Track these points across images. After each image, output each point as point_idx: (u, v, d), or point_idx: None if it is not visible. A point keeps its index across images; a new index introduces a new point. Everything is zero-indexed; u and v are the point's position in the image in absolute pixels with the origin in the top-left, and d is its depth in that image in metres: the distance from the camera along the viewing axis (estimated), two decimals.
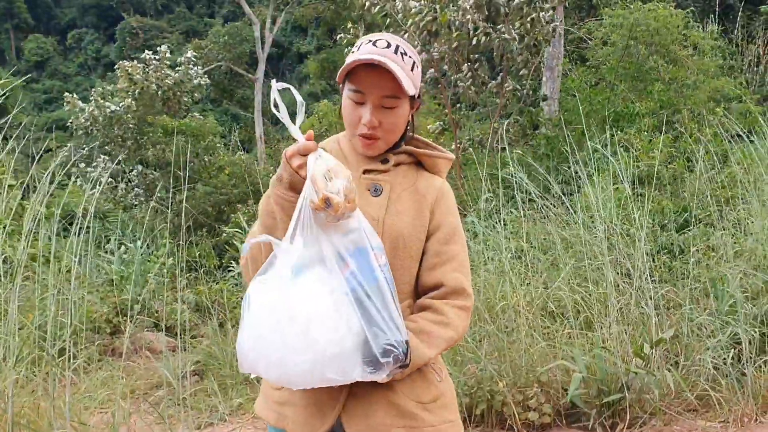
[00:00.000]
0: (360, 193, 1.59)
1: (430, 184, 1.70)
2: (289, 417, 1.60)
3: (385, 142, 1.66)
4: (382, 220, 1.62)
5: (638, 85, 9.10)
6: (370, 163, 1.69)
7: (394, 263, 1.59)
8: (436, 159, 1.73)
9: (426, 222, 1.64)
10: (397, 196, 1.66)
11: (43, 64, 50.07)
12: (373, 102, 1.60)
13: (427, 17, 8.18)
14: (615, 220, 4.44)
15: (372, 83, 1.59)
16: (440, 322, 1.57)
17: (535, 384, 3.68)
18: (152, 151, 12.78)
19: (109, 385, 4.82)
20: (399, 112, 1.64)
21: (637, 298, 4.10)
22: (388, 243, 1.59)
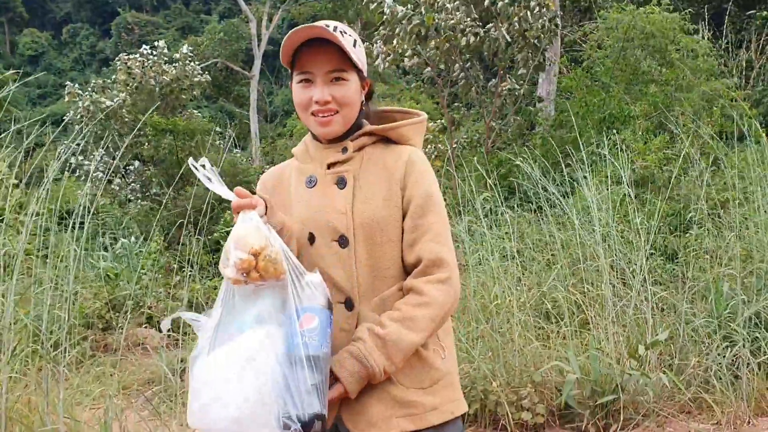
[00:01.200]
0: (327, 189, 1.63)
1: (398, 158, 1.65)
2: None
3: (342, 117, 1.63)
4: (350, 211, 1.59)
5: (633, 88, 9.11)
6: (331, 156, 1.66)
7: (374, 251, 1.59)
8: (401, 129, 1.69)
9: (399, 200, 1.61)
10: (363, 183, 1.63)
11: (37, 58, 49.82)
12: (322, 79, 1.59)
13: (414, 20, 8.21)
14: (611, 222, 4.44)
15: (317, 61, 1.58)
16: (421, 304, 1.54)
17: (528, 384, 3.68)
18: (146, 148, 12.77)
19: (102, 380, 4.80)
20: (349, 85, 1.62)
21: (634, 300, 4.11)
22: (361, 233, 1.58)
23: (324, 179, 1.65)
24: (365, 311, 1.58)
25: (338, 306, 1.58)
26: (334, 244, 1.59)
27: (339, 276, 1.58)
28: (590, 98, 8.95)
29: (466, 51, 8.71)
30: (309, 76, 1.60)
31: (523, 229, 5.53)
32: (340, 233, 1.59)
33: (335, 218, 1.59)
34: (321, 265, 1.58)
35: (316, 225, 1.61)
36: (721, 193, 5.45)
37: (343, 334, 1.56)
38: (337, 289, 1.58)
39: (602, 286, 4.08)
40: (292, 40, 1.57)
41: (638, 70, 9.02)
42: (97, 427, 3.58)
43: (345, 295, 1.58)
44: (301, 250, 1.62)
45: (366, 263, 1.59)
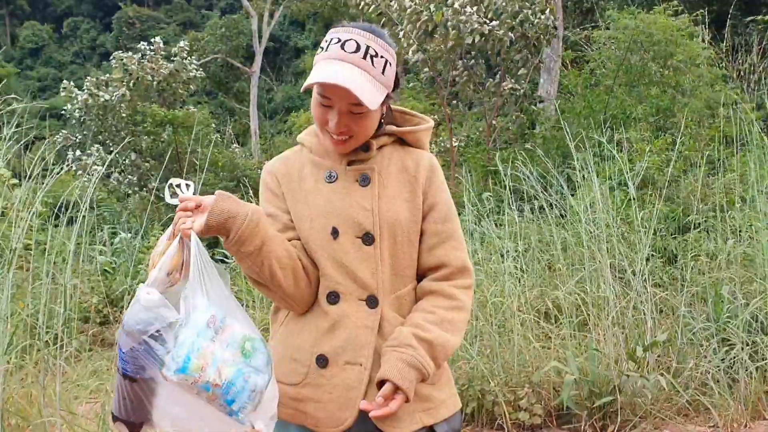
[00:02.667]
0: (349, 186, 1.63)
1: (418, 162, 1.67)
2: (309, 413, 1.59)
3: (356, 141, 1.62)
4: (377, 209, 1.60)
5: (634, 90, 9.11)
6: (353, 153, 1.65)
7: (395, 250, 1.61)
8: (419, 134, 1.71)
9: (420, 203, 1.64)
10: (387, 182, 1.64)
11: (37, 51, 49.79)
12: (341, 109, 1.55)
13: (423, 16, 8.19)
14: (612, 223, 4.43)
15: (337, 92, 1.53)
16: (455, 307, 1.59)
17: (526, 384, 3.68)
18: (146, 141, 12.74)
19: (99, 375, 4.80)
20: (368, 115, 1.59)
21: (634, 301, 4.11)
22: (387, 232, 1.60)
23: (345, 175, 1.64)
24: (386, 309, 1.60)
25: (359, 303, 1.59)
26: (358, 241, 1.59)
27: (363, 273, 1.58)
28: (593, 98, 8.94)
29: (471, 49, 8.71)
30: (328, 101, 1.56)
31: (523, 228, 5.53)
32: (366, 230, 1.59)
33: (361, 215, 1.60)
34: (344, 260, 1.59)
35: (340, 220, 1.60)
36: (721, 195, 5.45)
37: (367, 332, 1.57)
38: (359, 286, 1.59)
39: (602, 288, 4.08)
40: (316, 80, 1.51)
41: (643, 72, 9.01)
42: (94, 420, 3.58)
43: (368, 293, 1.59)
44: (324, 244, 1.60)
45: (388, 262, 1.61)
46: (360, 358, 1.56)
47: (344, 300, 1.59)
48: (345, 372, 1.56)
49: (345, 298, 1.59)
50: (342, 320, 1.58)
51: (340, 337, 1.58)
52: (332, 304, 1.60)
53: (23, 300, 3.63)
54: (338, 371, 1.57)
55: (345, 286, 1.59)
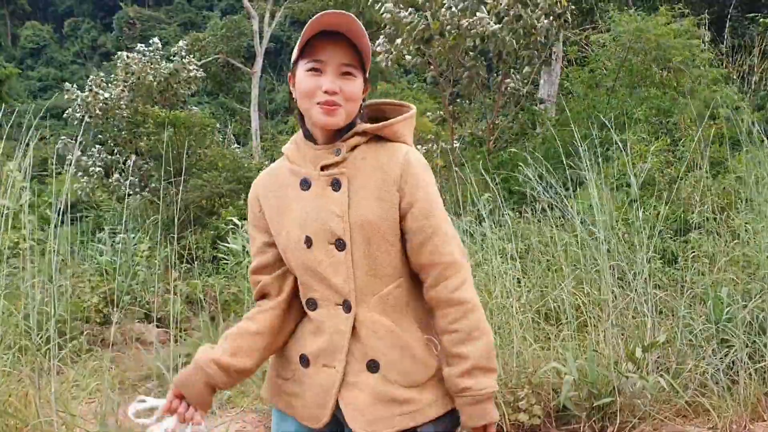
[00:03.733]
0: (322, 192, 1.62)
1: (393, 158, 1.63)
2: (297, 407, 1.69)
3: (345, 112, 1.61)
4: (347, 214, 1.59)
5: (634, 91, 9.10)
6: (324, 157, 1.64)
7: (371, 252, 1.60)
8: (395, 127, 1.66)
9: (395, 201, 1.60)
10: (358, 184, 1.62)
11: (38, 51, 49.79)
12: (333, 70, 1.58)
13: (420, 26, 8.18)
14: (614, 224, 4.42)
15: (332, 51, 1.58)
16: (469, 311, 1.58)
17: (526, 385, 3.67)
18: (145, 142, 12.74)
19: (98, 375, 4.79)
20: (357, 82, 1.62)
21: (634, 303, 4.10)
22: (359, 235, 1.59)
23: (318, 181, 1.63)
24: (363, 312, 1.61)
25: (336, 308, 1.62)
26: (331, 247, 1.60)
27: (337, 279, 1.60)
28: (593, 99, 8.94)
29: (471, 49, 8.68)
30: (320, 66, 1.58)
31: (524, 229, 5.53)
32: (337, 236, 1.59)
33: (333, 221, 1.59)
34: (318, 269, 1.61)
35: (313, 228, 1.61)
36: (722, 197, 5.45)
37: (341, 336, 1.62)
38: (335, 292, 1.61)
39: (602, 289, 4.07)
40: (320, 23, 1.56)
41: (644, 73, 9.00)
42: (93, 421, 3.57)
43: (343, 298, 1.61)
44: (298, 254, 1.64)
45: (363, 265, 1.60)
46: (334, 361, 1.62)
47: (322, 306, 1.65)
48: (322, 373, 1.64)
49: (322, 304, 1.64)
50: (321, 325, 1.65)
51: (320, 340, 1.65)
52: (312, 310, 1.67)
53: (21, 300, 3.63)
54: (316, 372, 1.65)
55: (321, 293, 1.64)
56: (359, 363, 1.60)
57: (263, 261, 1.74)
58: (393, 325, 1.61)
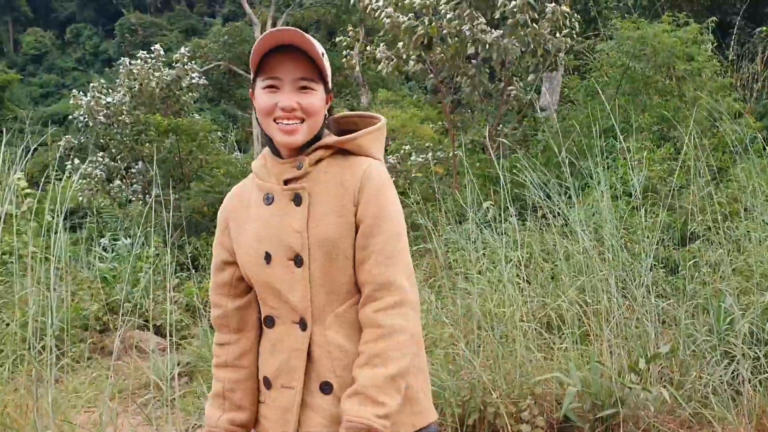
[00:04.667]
0: (284, 207, 1.59)
1: (354, 172, 1.59)
2: (266, 427, 1.68)
3: (308, 126, 1.59)
4: (305, 230, 1.56)
5: (636, 99, 9.08)
6: (287, 171, 1.61)
7: (329, 269, 1.56)
8: (359, 140, 1.63)
9: (351, 217, 1.57)
10: (319, 199, 1.59)
11: (40, 57, 49.91)
12: (290, 86, 1.56)
13: (419, 30, 8.15)
14: (615, 232, 4.39)
15: (286, 67, 1.56)
16: (381, 336, 1.50)
17: (529, 396, 3.64)
18: (148, 149, 12.76)
19: (97, 384, 4.77)
20: (316, 94, 1.59)
21: (636, 312, 4.07)
22: (316, 251, 1.56)
23: (281, 196, 1.61)
24: (318, 331, 1.58)
25: (293, 326, 1.60)
26: (290, 263, 1.57)
27: (294, 296, 1.57)
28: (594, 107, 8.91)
29: (473, 57, 8.65)
30: (276, 83, 1.57)
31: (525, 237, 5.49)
32: (296, 252, 1.56)
33: (292, 237, 1.57)
34: (276, 285, 1.59)
35: (273, 244, 1.59)
36: (724, 205, 5.42)
37: (298, 354, 1.59)
38: (291, 309, 1.59)
39: (604, 298, 4.04)
40: (267, 41, 1.54)
41: (646, 81, 8.97)
42: (92, 430, 3.54)
43: (299, 315, 1.58)
44: (257, 269, 1.61)
45: (321, 282, 1.57)
46: (292, 381, 1.59)
47: (279, 323, 1.62)
48: (282, 395, 1.61)
49: (280, 321, 1.62)
50: (278, 343, 1.63)
51: (277, 359, 1.62)
52: (269, 328, 1.65)
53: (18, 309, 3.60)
54: (277, 394, 1.63)
55: (278, 310, 1.61)
56: (314, 383, 1.57)
57: (220, 280, 1.72)
58: (347, 344, 1.56)
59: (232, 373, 1.70)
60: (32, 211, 4.29)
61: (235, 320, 1.71)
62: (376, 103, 18.09)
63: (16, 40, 52.20)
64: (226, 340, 1.72)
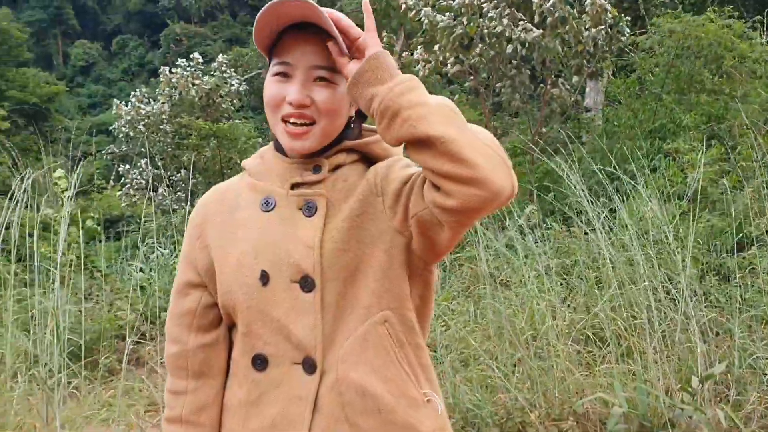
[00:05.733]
0: (289, 216, 1.27)
1: (376, 171, 1.29)
2: None
3: (321, 130, 1.26)
4: (319, 245, 1.23)
5: (684, 98, 8.75)
6: (298, 173, 1.29)
7: (346, 292, 1.24)
8: (384, 142, 1.26)
9: (381, 210, 1.26)
10: (338, 211, 1.26)
11: (88, 69, 51.15)
12: (303, 76, 1.24)
13: (457, 30, 7.97)
14: (663, 237, 4.12)
15: (300, 50, 1.23)
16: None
17: (570, 417, 3.41)
18: (188, 155, 12.84)
19: (129, 396, 4.72)
20: (337, 89, 1.25)
21: (682, 324, 3.80)
22: (331, 272, 1.22)
23: (285, 202, 1.28)
24: (331, 368, 1.23)
25: (293, 367, 1.24)
26: (294, 286, 1.23)
27: (298, 329, 1.22)
28: (640, 107, 8.61)
29: (512, 58, 8.45)
30: (287, 69, 1.25)
31: (569, 244, 5.27)
32: (304, 273, 1.22)
33: (299, 253, 1.23)
34: (274, 313, 1.24)
35: (271, 261, 1.24)
36: None
37: (300, 405, 1.23)
38: (293, 346, 1.23)
39: (650, 310, 3.78)
40: (268, 15, 1.20)
41: (691, 78, 8.63)
42: None
43: (304, 354, 1.23)
44: (248, 293, 1.25)
45: (336, 308, 1.24)
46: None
47: (274, 365, 1.25)
48: None
49: (275, 361, 1.25)
50: (270, 391, 1.25)
51: (266, 414, 1.25)
52: (260, 371, 1.26)
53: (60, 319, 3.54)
54: None
55: (275, 346, 1.24)
56: None
57: (181, 307, 1.36)
58: (369, 381, 1.21)
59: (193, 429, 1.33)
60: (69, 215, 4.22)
61: (197, 362, 1.34)
62: None
63: (65, 53, 53.60)
64: (182, 388, 1.35)
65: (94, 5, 58.28)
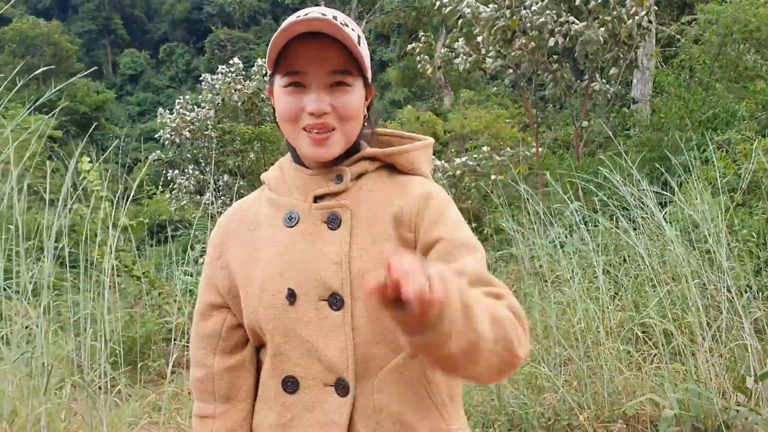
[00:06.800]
0: (314, 230, 1.22)
1: (408, 192, 1.25)
2: None
3: (343, 135, 1.22)
4: (346, 261, 1.18)
5: (735, 85, 8.46)
6: (320, 185, 1.25)
7: (377, 312, 1.09)
8: (411, 154, 1.29)
9: (410, 245, 1.21)
10: (363, 222, 1.22)
11: (136, 77, 52.38)
12: (319, 82, 1.19)
13: (499, 22, 7.85)
14: (721, 235, 3.96)
15: (313, 58, 1.19)
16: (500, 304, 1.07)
17: (620, 419, 3.31)
18: (233, 160, 12.98)
19: (178, 399, 4.76)
20: (353, 92, 1.22)
21: (735, 321, 3.66)
22: (361, 289, 1.17)
23: (309, 216, 1.23)
24: (364, 395, 1.19)
25: (325, 390, 1.19)
26: (322, 304, 1.18)
27: (329, 349, 1.18)
28: (690, 97, 8.35)
29: (555, 51, 8.32)
30: (301, 79, 1.20)
31: (617, 241, 5.13)
32: (332, 290, 1.18)
33: (327, 270, 1.19)
34: (303, 333, 1.19)
35: (299, 278, 1.19)
36: None
37: (331, 429, 1.19)
38: (324, 367, 1.19)
39: (701, 308, 3.65)
40: (287, 32, 1.17)
41: (741, 66, 8.35)
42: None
43: (336, 375, 1.19)
44: (275, 313, 1.20)
45: (367, 329, 1.19)
46: None
47: (305, 387, 1.21)
48: None
49: (306, 384, 1.20)
50: (302, 415, 1.21)
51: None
52: (290, 393, 1.22)
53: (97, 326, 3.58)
54: None
55: (305, 368, 1.20)
56: None
57: (205, 330, 1.32)
58: (405, 412, 1.18)
59: None
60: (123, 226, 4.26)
61: (224, 385, 1.30)
62: (458, 104, 17.80)
63: (114, 62, 54.96)
64: (209, 412, 1.31)
65: (141, 14, 59.60)
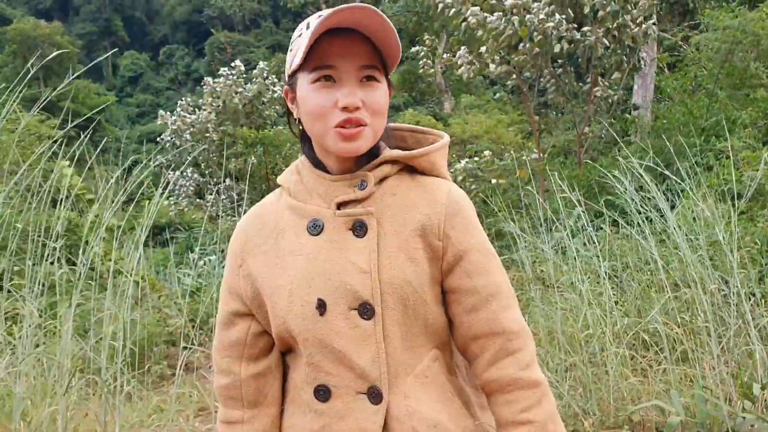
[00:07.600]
0: (339, 238, 1.22)
1: (433, 197, 1.25)
2: None
3: (372, 131, 1.20)
4: (375, 269, 1.18)
5: (738, 93, 8.49)
6: (343, 191, 1.23)
7: (406, 319, 1.20)
8: (432, 156, 1.28)
9: (435, 252, 1.22)
10: (389, 229, 1.22)
11: (136, 79, 52.46)
12: (351, 76, 1.18)
13: (507, 31, 7.84)
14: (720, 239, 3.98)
15: (346, 52, 1.18)
16: (543, 395, 1.21)
17: (625, 425, 3.32)
18: (234, 163, 12.98)
19: (182, 401, 4.77)
20: (382, 87, 1.22)
21: (741, 328, 3.66)
22: (390, 297, 1.18)
23: (334, 224, 1.22)
24: (397, 401, 1.20)
25: (358, 397, 1.19)
26: (353, 314, 1.18)
27: (361, 358, 1.18)
28: (693, 104, 8.38)
29: (558, 56, 8.33)
30: (332, 73, 1.18)
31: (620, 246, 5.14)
32: (362, 300, 1.18)
33: (355, 279, 1.18)
34: (335, 343, 1.19)
35: (328, 288, 1.19)
36: None
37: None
38: (357, 376, 1.19)
39: (706, 314, 3.65)
40: (329, 21, 1.14)
41: (745, 74, 8.37)
42: None
43: (369, 384, 1.19)
44: (306, 324, 1.20)
45: (397, 337, 1.20)
46: None
47: (337, 396, 1.21)
48: None
49: (338, 392, 1.20)
50: (335, 423, 1.21)
51: None
52: (323, 402, 1.21)
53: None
54: None
55: (337, 377, 1.20)
56: None
57: (229, 338, 1.31)
58: (438, 416, 1.20)
59: None
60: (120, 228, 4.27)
61: (251, 391, 1.30)
62: (459, 109, 17.83)
63: (114, 64, 54.99)
64: (237, 418, 1.31)
65: (141, 16, 59.67)
